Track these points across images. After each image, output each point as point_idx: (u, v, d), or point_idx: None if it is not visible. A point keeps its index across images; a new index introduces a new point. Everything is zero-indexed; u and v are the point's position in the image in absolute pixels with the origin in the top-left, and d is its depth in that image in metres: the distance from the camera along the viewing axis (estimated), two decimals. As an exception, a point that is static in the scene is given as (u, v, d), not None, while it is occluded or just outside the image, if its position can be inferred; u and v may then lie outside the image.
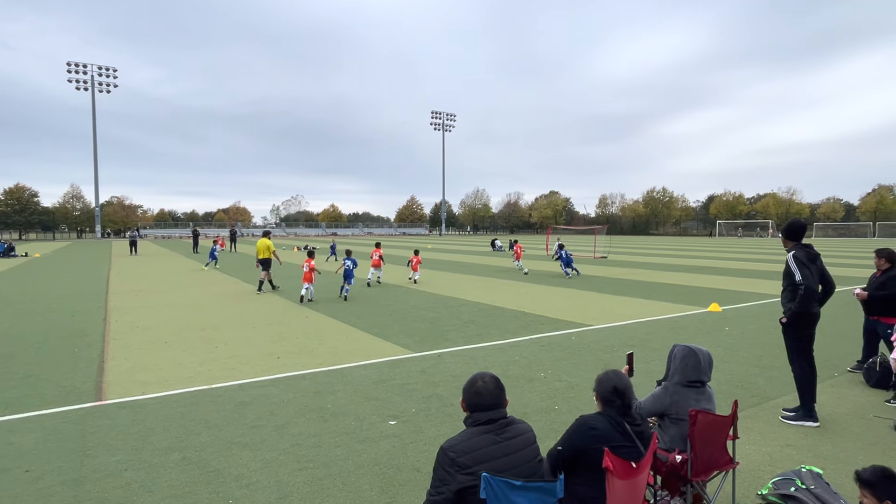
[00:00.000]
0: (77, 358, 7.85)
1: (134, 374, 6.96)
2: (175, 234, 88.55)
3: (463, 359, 7.68)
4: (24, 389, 6.33)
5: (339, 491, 3.85)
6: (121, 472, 4.18)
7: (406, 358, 7.76)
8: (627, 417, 2.76)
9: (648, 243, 56.87)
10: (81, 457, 4.45)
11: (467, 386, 2.59)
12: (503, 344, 8.64)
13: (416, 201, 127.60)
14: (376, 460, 4.36)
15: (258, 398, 5.96)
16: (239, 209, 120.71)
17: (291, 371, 7.08)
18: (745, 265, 25.54)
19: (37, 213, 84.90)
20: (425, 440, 4.75)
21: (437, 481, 2.38)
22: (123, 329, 10.00)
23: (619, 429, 2.69)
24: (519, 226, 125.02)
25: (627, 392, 2.78)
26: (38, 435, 4.94)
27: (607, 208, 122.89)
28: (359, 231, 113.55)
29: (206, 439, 4.80)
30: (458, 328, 9.93)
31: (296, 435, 4.89)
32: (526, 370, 7.05)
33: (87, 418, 5.37)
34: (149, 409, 5.64)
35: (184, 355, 7.98)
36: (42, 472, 4.17)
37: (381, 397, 5.96)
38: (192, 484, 3.97)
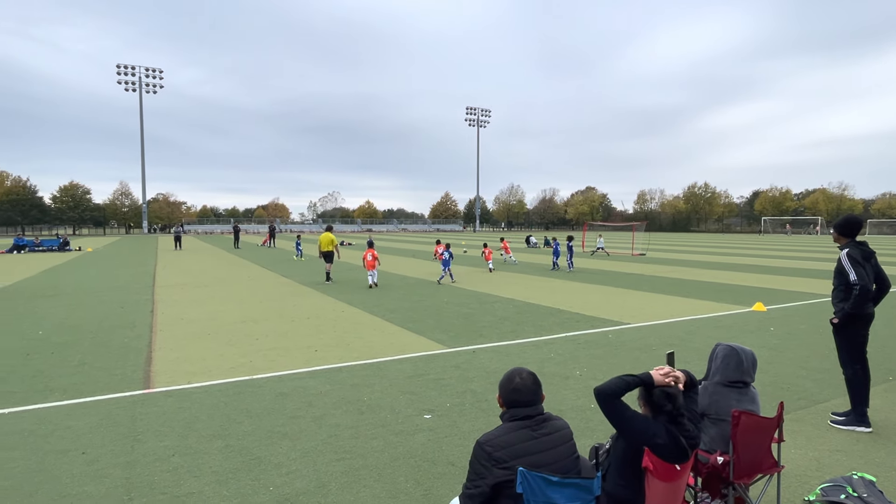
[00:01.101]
0: (127, 348, 8.21)
1: (180, 365, 7.24)
2: (217, 229, 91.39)
3: (497, 355, 7.67)
4: (80, 376, 6.67)
5: (374, 482, 3.92)
6: (168, 456, 4.36)
7: (440, 353, 7.81)
8: (678, 424, 2.62)
9: (689, 240, 55.31)
10: (132, 441, 4.67)
11: (504, 382, 2.59)
12: (538, 341, 8.58)
13: (451, 197, 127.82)
14: (411, 453, 4.41)
15: (297, 389, 6.11)
16: (278, 206, 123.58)
17: (329, 364, 7.22)
18: (792, 263, 24.55)
19: (89, 210, 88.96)
20: (460, 435, 4.77)
21: (473, 475, 2.39)
22: (169, 321, 10.40)
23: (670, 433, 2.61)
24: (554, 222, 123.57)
25: (678, 397, 2.68)
26: (93, 420, 5.20)
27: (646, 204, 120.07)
28: (393, 227, 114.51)
29: (247, 428, 4.96)
30: (493, 324, 9.92)
31: (333, 426, 4.99)
32: (561, 368, 6.99)
33: (137, 405, 5.62)
34: (194, 397, 5.86)
35: (226, 347, 8.24)
36: (97, 455, 4.39)
37: (416, 391, 6.02)
38: (234, 470, 4.11)
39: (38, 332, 9.26)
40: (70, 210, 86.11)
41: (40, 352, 7.92)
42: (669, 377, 2.64)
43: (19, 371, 6.90)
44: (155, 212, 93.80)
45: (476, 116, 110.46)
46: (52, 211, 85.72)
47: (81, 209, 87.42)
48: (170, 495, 3.73)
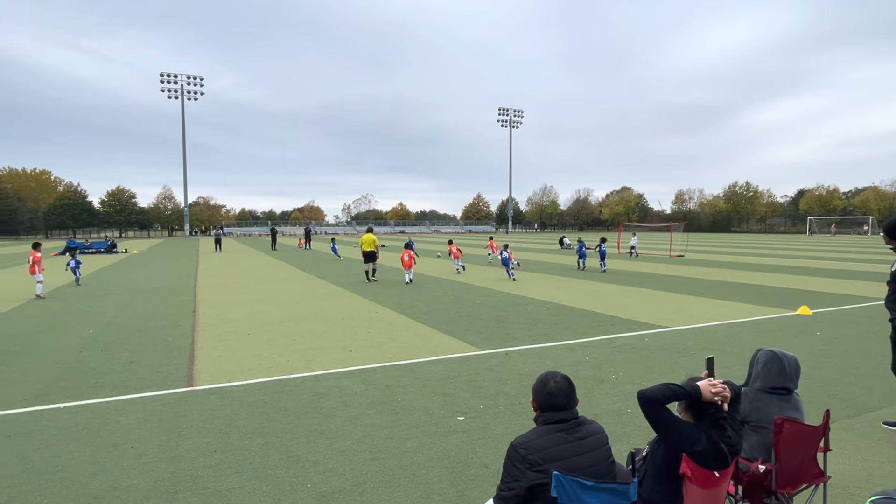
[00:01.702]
0: (171, 347, 8.53)
1: (221, 364, 7.48)
2: (255, 231, 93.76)
3: (531, 358, 7.63)
4: (128, 373, 6.97)
5: (409, 482, 3.97)
6: (211, 452, 4.52)
7: (473, 355, 7.82)
8: (720, 429, 2.56)
9: (730, 241, 53.63)
10: (177, 437, 4.86)
11: (538, 386, 2.59)
12: (572, 344, 8.50)
13: (483, 199, 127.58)
14: (445, 454, 4.44)
15: (333, 389, 6.23)
16: (313, 208, 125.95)
17: (363, 364, 7.33)
18: (841, 265, 23.52)
19: (134, 213, 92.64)
20: (494, 437, 4.78)
21: (508, 477, 2.40)
22: (211, 321, 10.75)
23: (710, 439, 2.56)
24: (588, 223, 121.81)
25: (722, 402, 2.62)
26: (140, 415, 5.43)
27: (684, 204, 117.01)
28: (426, 228, 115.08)
29: (286, 426, 5.09)
30: (526, 327, 9.87)
31: (368, 426, 5.07)
32: (596, 371, 6.90)
33: (181, 402, 5.84)
34: (234, 395, 6.05)
35: (264, 347, 8.47)
36: (145, 449, 4.59)
37: (449, 393, 6.05)
38: (274, 467, 4.23)
39: (90, 331, 9.72)
40: (117, 214, 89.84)
41: (92, 349, 8.31)
42: (718, 396, 2.57)
43: (73, 368, 7.26)
44: (196, 215, 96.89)
45: (508, 117, 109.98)
46: (100, 214, 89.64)
47: (127, 213, 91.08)
48: (212, 490, 3.87)
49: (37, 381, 6.63)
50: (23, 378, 6.78)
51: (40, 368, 7.23)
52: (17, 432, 4.99)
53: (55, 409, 5.64)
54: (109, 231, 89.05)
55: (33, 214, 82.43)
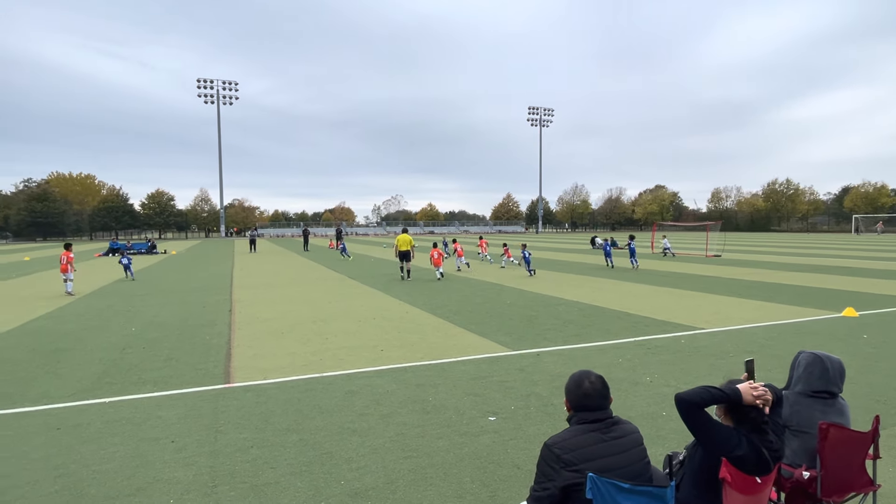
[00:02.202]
0: (208, 345, 8.77)
1: (256, 362, 7.65)
2: (287, 233, 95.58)
3: (562, 359, 7.55)
4: (168, 370, 7.20)
5: (441, 481, 3.98)
6: (248, 448, 4.63)
7: (504, 356, 7.79)
8: (761, 433, 2.47)
9: (769, 240, 51.94)
10: (215, 432, 4.99)
11: (572, 386, 2.56)
12: (605, 345, 8.37)
13: (512, 198, 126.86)
14: (477, 454, 4.43)
15: (365, 388, 6.30)
16: (344, 209, 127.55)
17: (394, 364, 7.39)
18: (889, 265, 22.49)
19: (173, 215, 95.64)
20: (525, 438, 4.75)
21: (542, 477, 2.39)
22: (246, 320, 11.01)
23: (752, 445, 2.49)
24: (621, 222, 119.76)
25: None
26: (180, 410, 5.60)
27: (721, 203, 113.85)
28: (455, 229, 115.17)
29: (319, 423, 5.17)
30: (557, 328, 9.77)
31: (400, 424, 5.11)
32: (630, 373, 6.78)
33: (219, 398, 6.00)
34: (269, 393, 6.18)
35: (298, 345, 8.62)
36: (185, 444, 4.74)
37: (480, 393, 6.04)
38: (308, 463, 4.30)
39: (132, 329, 10.08)
40: (156, 216, 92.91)
41: (134, 347, 8.61)
42: (760, 400, 2.49)
43: (117, 364, 7.54)
44: (231, 216, 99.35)
45: (538, 116, 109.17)
46: (141, 217, 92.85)
47: (166, 215, 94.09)
48: (250, 485, 3.96)
49: (84, 377, 6.91)
50: (71, 373, 7.08)
51: (87, 364, 7.54)
52: (66, 425, 5.22)
53: (101, 403, 5.87)
54: (149, 232, 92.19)
55: (79, 217, 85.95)
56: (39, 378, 6.89)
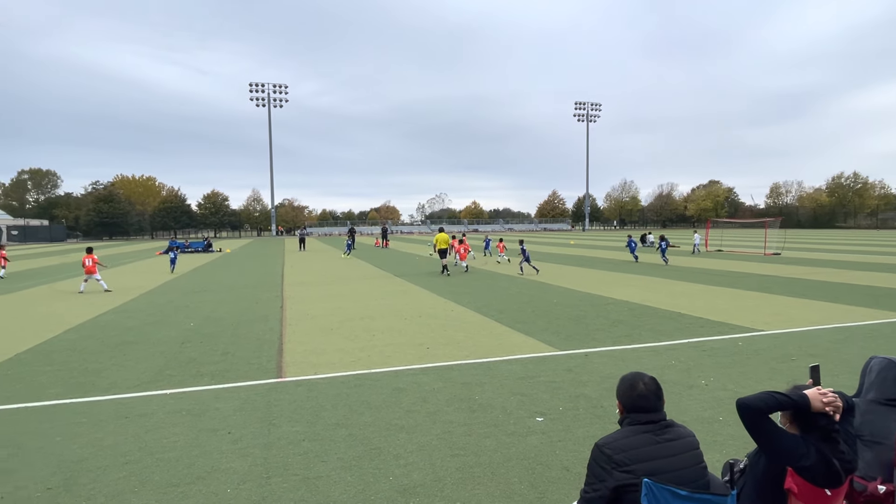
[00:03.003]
0: (261, 340, 9.07)
1: (307, 357, 7.85)
2: (335, 231, 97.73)
3: (612, 360, 7.37)
4: (224, 364, 7.50)
5: (489, 481, 3.96)
6: (299, 441, 4.76)
7: (551, 356, 7.68)
8: (831, 443, 2.33)
9: (834, 238, 49.01)
10: (268, 425, 5.16)
11: (626, 388, 2.49)
12: (657, 346, 8.12)
13: (558, 196, 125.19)
14: (524, 455, 4.39)
15: (411, 385, 6.35)
16: (389, 208, 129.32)
17: (440, 362, 7.41)
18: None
19: (227, 215, 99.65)
20: (574, 440, 4.66)
21: (592, 478, 2.34)
22: (296, 316, 11.32)
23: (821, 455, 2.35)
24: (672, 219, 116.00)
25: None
26: (236, 403, 5.82)
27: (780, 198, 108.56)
28: (499, 227, 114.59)
29: (368, 419, 5.25)
30: (606, 328, 9.55)
31: (447, 423, 5.12)
32: (684, 376, 6.55)
33: (272, 392, 6.19)
34: (320, 388, 6.33)
35: (346, 342, 8.79)
36: (241, 435, 4.91)
37: (527, 393, 5.98)
38: (357, 458, 4.38)
39: (191, 324, 10.55)
40: (212, 215, 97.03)
41: (192, 341, 9.01)
42: (830, 406, 2.34)
43: (177, 357, 7.91)
44: (281, 216, 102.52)
45: (585, 111, 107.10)
46: (197, 216, 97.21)
47: (221, 214, 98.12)
48: (301, 477, 4.07)
49: (147, 369, 7.29)
50: (136, 365, 7.48)
51: (150, 357, 7.94)
52: (132, 414, 5.52)
53: (163, 394, 6.18)
54: (205, 231, 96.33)
55: (141, 217, 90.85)
56: (108, 369, 7.32)
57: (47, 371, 7.25)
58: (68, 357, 8.02)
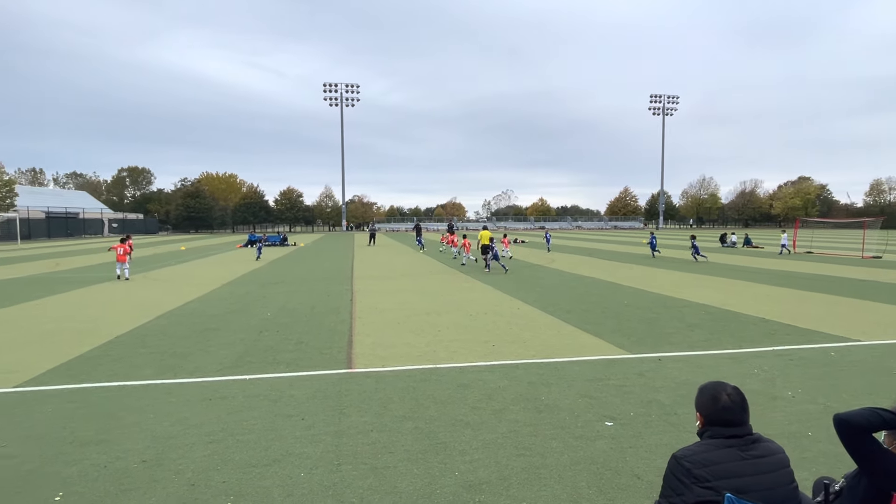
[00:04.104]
0: (333, 331, 9.40)
1: (375, 349, 8.05)
2: (402, 227, 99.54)
3: (687, 365, 7.02)
4: (298, 353, 7.84)
5: (555, 483, 3.89)
6: (368, 431, 4.89)
7: (622, 359, 7.43)
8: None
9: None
10: (339, 414, 5.34)
11: (707, 399, 2.34)
12: (738, 353, 7.65)
13: (630, 193, 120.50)
14: (592, 459, 4.27)
15: (476, 382, 6.35)
16: (455, 205, 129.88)
17: (506, 360, 7.37)
18: None
19: (301, 210, 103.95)
20: (646, 447, 4.49)
21: (669, 490, 2.23)
22: (365, 310, 11.64)
23: None
24: (755, 218, 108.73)
25: None
26: (309, 391, 6.07)
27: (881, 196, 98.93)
28: (567, 224, 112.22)
29: (434, 413, 5.31)
30: (681, 331, 9.11)
31: (512, 421, 5.08)
32: (767, 386, 6.13)
33: (342, 382, 6.40)
34: (387, 380, 6.47)
35: (413, 336, 8.93)
36: (313, 422, 5.12)
37: (595, 396, 5.82)
38: (423, 452, 4.44)
39: (267, 314, 11.11)
40: (287, 211, 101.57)
41: (269, 330, 9.49)
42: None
43: (255, 345, 8.36)
44: (352, 212, 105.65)
45: (661, 104, 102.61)
46: (274, 212, 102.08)
47: (295, 210, 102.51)
48: (370, 466, 4.18)
49: (228, 355, 7.75)
50: (218, 351, 7.98)
51: (231, 344, 8.44)
52: (215, 397, 5.89)
53: (242, 379, 6.55)
54: (281, 226, 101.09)
55: (223, 212, 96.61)
56: (194, 353, 7.85)
57: (142, 353, 7.89)
58: (160, 341, 8.69)
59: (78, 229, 67.74)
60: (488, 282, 16.43)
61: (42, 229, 61.00)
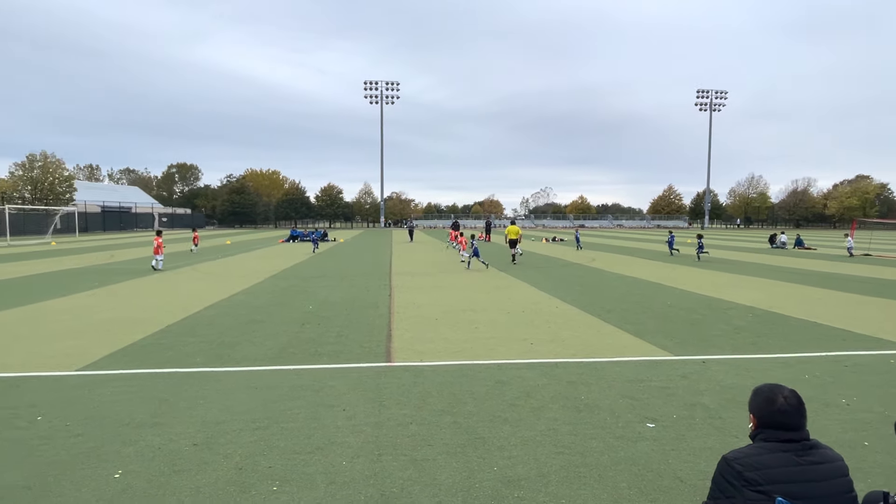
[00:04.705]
0: (372, 325, 9.55)
1: (413, 344, 8.14)
2: (439, 224, 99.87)
3: (734, 369, 6.81)
4: (339, 346, 8.00)
5: (595, 482, 3.85)
6: (407, 423, 4.96)
7: (664, 360, 7.27)
8: None
9: None
10: (378, 406, 5.43)
11: (762, 402, 2.27)
12: (787, 358, 7.36)
13: (674, 191, 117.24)
14: (633, 460, 4.21)
15: (515, 379, 6.34)
16: (492, 202, 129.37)
17: (544, 358, 7.32)
18: None
19: (341, 207, 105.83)
20: (689, 450, 4.38)
21: (718, 492, 2.18)
22: (403, 304, 11.77)
23: None
24: (808, 218, 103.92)
25: None
26: (349, 383, 6.19)
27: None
28: (607, 223, 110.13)
29: (472, 409, 5.34)
30: (727, 334, 8.83)
31: (551, 420, 5.05)
32: (819, 392, 5.88)
33: (381, 375, 6.51)
34: (426, 374, 6.54)
35: (450, 332, 8.98)
36: (354, 413, 5.23)
37: (637, 397, 5.72)
38: (462, 446, 4.47)
39: (309, 307, 11.38)
40: (327, 207, 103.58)
41: (311, 323, 9.72)
42: None
43: (298, 337, 8.58)
44: (390, 208, 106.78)
45: (708, 99, 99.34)
46: (315, 208, 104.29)
47: (335, 206, 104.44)
48: (409, 458, 4.24)
49: (273, 346, 7.99)
50: (263, 342, 8.23)
51: (275, 335, 8.70)
52: (260, 385, 6.09)
53: (286, 370, 6.74)
54: (321, 222, 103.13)
55: (267, 208, 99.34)
56: (241, 343, 8.13)
57: (191, 342, 8.23)
58: (208, 331, 9.03)
59: (130, 223, 70.99)
60: (526, 279, 16.32)
61: (98, 222, 64.24)
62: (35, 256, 25.74)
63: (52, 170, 61.84)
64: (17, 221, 46.33)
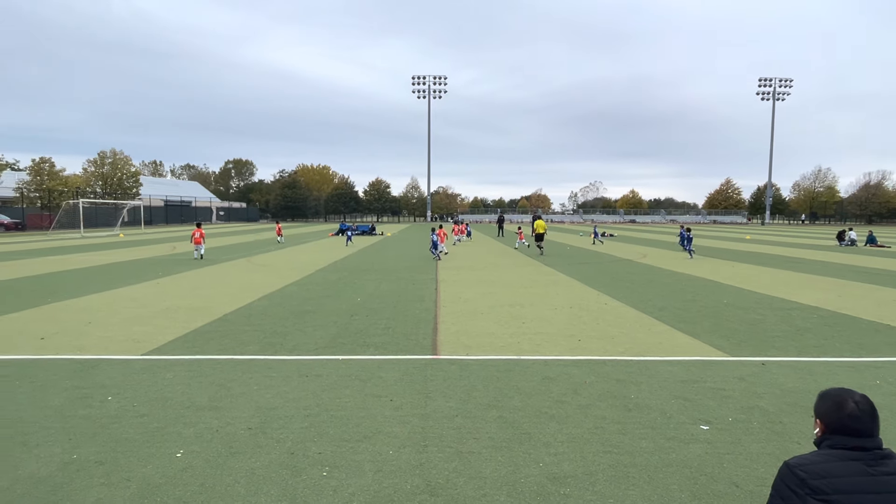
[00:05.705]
0: (418, 318, 9.65)
1: (459, 338, 8.17)
2: (485, 218, 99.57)
3: (796, 372, 6.47)
4: (386, 337, 8.13)
5: (645, 483, 3.76)
6: (452, 416, 4.99)
7: (719, 361, 6.99)
8: None
9: None
10: (425, 398, 5.49)
11: (830, 405, 2.14)
12: (856, 362, 6.93)
13: (732, 185, 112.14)
14: (686, 463, 4.08)
15: (561, 375, 6.26)
16: (540, 196, 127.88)
17: (592, 355, 7.19)
18: None
19: (388, 201, 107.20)
20: (745, 455, 4.21)
21: (778, 499, 2.08)
22: (450, 299, 11.82)
23: None
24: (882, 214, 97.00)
25: None
26: (396, 374, 6.29)
27: None
28: (660, 218, 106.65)
29: (518, 404, 5.31)
30: (789, 335, 8.39)
31: (599, 418, 4.97)
32: (892, 400, 5.50)
33: (427, 368, 6.57)
34: (471, 368, 6.55)
35: (496, 327, 8.96)
36: (401, 403, 5.31)
37: (690, 398, 5.53)
38: (507, 440, 4.46)
39: (358, 300, 11.61)
40: (375, 201, 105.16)
41: (360, 314, 9.92)
42: None
43: (347, 328, 8.78)
44: (436, 203, 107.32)
45: (771, 88, 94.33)
46: (363, 202, 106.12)
47: (383, 201, 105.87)
48: (455, 450, 4.28)
49: (323, 336, 8.21)
50: (314, 332, 8.47)
51: (325, 326, 8.93)
52: (311, 374, 6.28)
53: (335, 359, 6.92)
54: (369, 216, 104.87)
55: (317, 202, 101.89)
56: (292, 333, 8.40)
57: (247, 330, 8.57)
58: (262, 320, 9.38)
59: (191, 216, 74.48)
60: (574, 275, 16.05)
61: (161, 215, 67.87)
62: (106, 247, 27.47)
63: (121, 166, 65.83)
64: (90, 215, 49.50)
